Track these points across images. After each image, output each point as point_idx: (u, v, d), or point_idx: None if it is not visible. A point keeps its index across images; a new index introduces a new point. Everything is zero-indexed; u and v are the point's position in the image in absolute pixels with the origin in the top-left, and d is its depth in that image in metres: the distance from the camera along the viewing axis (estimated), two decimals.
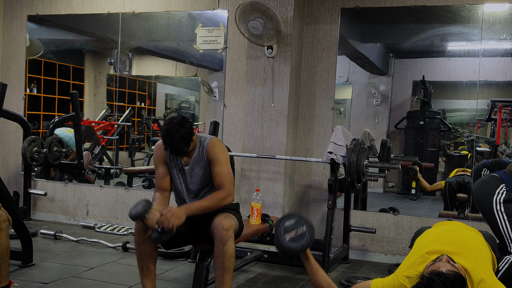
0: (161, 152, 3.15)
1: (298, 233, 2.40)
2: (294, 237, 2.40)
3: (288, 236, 2.40)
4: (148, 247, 2.94)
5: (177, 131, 2.93)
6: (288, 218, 2.45)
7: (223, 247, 2.87)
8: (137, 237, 2.95)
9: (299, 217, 2.45)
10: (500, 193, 2.95)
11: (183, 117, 3.03)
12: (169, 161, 3.15)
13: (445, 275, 2.10)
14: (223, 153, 3.11)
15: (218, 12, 5.15)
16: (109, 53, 6.50)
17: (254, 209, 3.72)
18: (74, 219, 5.67)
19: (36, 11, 5.84)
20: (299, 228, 2.41)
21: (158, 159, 3.17)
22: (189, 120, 3.05)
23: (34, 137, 5.57)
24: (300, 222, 2.42)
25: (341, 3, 4.78)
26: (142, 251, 2.95)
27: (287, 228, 2.42)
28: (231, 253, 2.90)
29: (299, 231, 2.40)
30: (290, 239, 2.40)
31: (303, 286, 3.82)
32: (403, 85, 6.04)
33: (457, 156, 5.92)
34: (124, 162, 7.30)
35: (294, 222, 2.42)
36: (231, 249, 2.90)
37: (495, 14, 4.51)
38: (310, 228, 2.41)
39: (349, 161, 4.08)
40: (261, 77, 4.67)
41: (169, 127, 2.94)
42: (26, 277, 3.68)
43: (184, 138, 2.95)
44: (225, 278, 2.91)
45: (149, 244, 2.94)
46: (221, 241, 2.88)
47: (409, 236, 3.18)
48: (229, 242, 2.89)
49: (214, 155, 3.07)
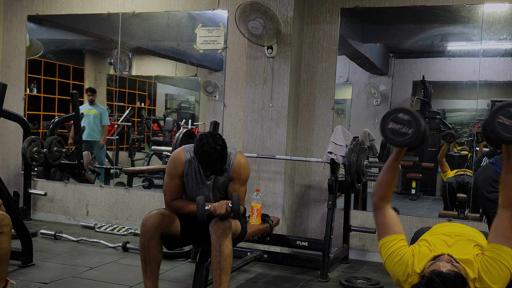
0: (179, 164, 3.06)
1: (402, 130, 2.32)
2: (395, 130, 2.33)
3: (392, 126, 2.33)
4: (153, 250, 2.94)
5: (214, 151, 2.86)
6: (405, 113, 2.33)
7: (219, 246, 2.86)
8: (143, 239, 2.94)
9: (415, 119, 2.31)
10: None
11: (213, 133, 2.96)
12: (185, 174, 3.08)
13: (445, 274, 2.10)
14: (246, 172, 3.13)
15: (218, 12, 5.15)
16: (109, 53, 6.51)
17: (254, 209, 3.71)
18: (74, 219, 5.67)
19: (36, 11, 5.84)
20: (406, 127, 2.32)
21: (175, 172, 3.07)
22: (219, 134, 3.00)
23: (34, 137, 5.57)
24: (411, 123, 2.31)
25: (341, 3, 4.78)
26: (146, 253, 2.94)
27: (398, 119, 2.33)
28: (227, 253, 2.88)
29: (404, 129, 2.32)
30: (391, 129, 2.33)
31: (303, 286, 3.82)
32: (403, 85, 6.04)
33: (457, 156, 5.92)
34: (124, 162, 7.30)
35: (407, 120, 2.31)
36: (228, 249, 2.88)
37: (495, 14, 4.51)
38: (414, 133, 2.30)
39: (349, 161, 4.08)
40: (261, 77, 4.67)
41: (205, 150, 2.86)
42: (26, 277, 3.68)
43: (223, 156, 2.91)
44: (222, 278, 2.88)
45: (155, 247, 2.93)
46: (217, 241, 2.87)
47: (409, 236, 3.17)
48: (226, 242, 2.87)
49: (239, 175, 3.08)
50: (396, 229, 2.36)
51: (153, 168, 7.00)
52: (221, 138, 2.96)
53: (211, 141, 2.87)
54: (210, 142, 2.87)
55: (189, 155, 3.07)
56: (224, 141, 2.95)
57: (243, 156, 3.16)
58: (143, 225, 2.93)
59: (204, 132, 3.03)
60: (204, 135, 2.93)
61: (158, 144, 7.14)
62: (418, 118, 2.31)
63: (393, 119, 2.33)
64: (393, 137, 2.33)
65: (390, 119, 2.34)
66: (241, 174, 3.09)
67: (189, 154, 3.07)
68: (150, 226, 2.92)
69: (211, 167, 2.92)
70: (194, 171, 3.07)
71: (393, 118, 2.34)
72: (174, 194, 3.09)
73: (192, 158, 3.06)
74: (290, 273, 4.13)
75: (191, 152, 3.07)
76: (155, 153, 7.17)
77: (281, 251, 4.51)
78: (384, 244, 2.34)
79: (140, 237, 2.96)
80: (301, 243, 4.32)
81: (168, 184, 3.09)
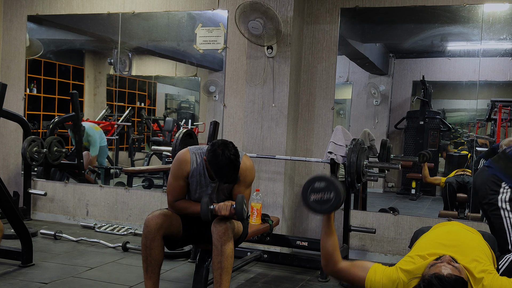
0: (185, 166, 3.05)
1: (324, 197, 2.39)
2: (319, 200, 2.39)
3: (314, 197, 2.40)
4: (155, 250, 2.94)
5: (229, 162, 2.84)
6: (320, 180, 2.41)
7: (221, 246, 2.86)
8: (145, 240, 2.94)
9: (331, 183, 2.40)
10: (504, 192, 2.95)
11: (225, 142, 2.92)
12: (190, 176, 3.07)
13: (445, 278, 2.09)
14: (251, 176, 3.12)
15: (218, 12, 5.15)
16: (109, 53, 6.50)
17: (254, 209, 3.71)
18: (74, 219, 5.67)
19: (36, 11, 5.84)
20: (327, 193, 2.39)
21: (180, 173, 3.06)
22: (231, 143, 2.95)
23: (34, 137, 5.57)
24: (329, 188, 2.39)
25: (341, 3, 4.78)
26: (148, 254, 2.94)
27: (316, 189, 2.40)
28: (229, 253, 2.88)
29: (325, 196, 2.39)
30: (314, 200, 2.40)
31: (303, 286, 3.83)
32: (403, 85, 6.04)
33: (457, 156, 5.92)
34: (124, 162, 7.30)
35: (324, 186, 2.39)
36: (229, 249, 2.88)
37: (495, 14, 4.51)
38: (337, 196, 2.38)
39: (349, 161, 4.08)
40: (261, 77, 4.67)
41: (220, 161, 2.84)
42: (26, 277, 3.68)
43: (236, 166, 2.89)
44: (223, 278, 2.88)
45: (157, 247, 2.93)
46: (219, 240, 2.87)
47: (409, 236, 3.19)
48: (227, 242, 2.87)
49: (244, 178, 3.06)
50: (367, 265, 2.41)
51: (153, 168, 7.00)
52: (234, 146, 2.92)
53: (226, 151, 2.85)
54: (226, 153, 2.84)
55: (194, 157, 3.05)
56: (236, 150, 2.93)
57: (249, 159, 3.15)
58: (146, 225, 2.93)
59: (216, 140, 2.98)
60: (216, 144, 2.89)
61: (158, 144, 7.14)
62: (332, 180, 2.41)
63: (312, 190, 2.41)
64: (320, 207, 2.41)
65: (309, 191, 2.42)
66: (247, 177, 3.08)
67: (194, 156, 3.06)
68: (152, 227, 2.92)
69: (225, 177, 2.90)
70: (199, 174, 3.06)
71: (311, 190, 2.41)
72: (178, 195, 3.08)
73: (197, 160, 3.05)
74: (290, 273, 4.13)
75: (197, 154, 3.06)
76: (155, 153, 7.17)
77: (281, 251, 4.51)
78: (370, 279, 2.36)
79: (142, 237, 2.95)
80: (301, 243, 4.32)
81: (172, 184, 3.08)
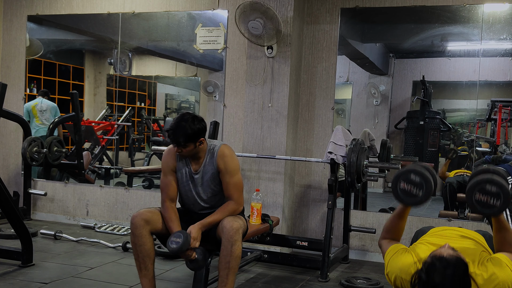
0: (171, 159, 3.12)
1: (413, 192, 2.43)
2: (406, 191, 2.44)
3: (403, 186, 2.44)
4: (145, 247, 2.96)
5: (180, 118, 2.95)
6: (417, 174, 2.43)
7: (231, 247, 2.88)
8: (133, 237, 2.96)
9: (426, 182, 2.41)
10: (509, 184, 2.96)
11: (196, 115, 3.02)
12: (177, 169, 3.12)
13: (446, 259, 2.08)
14: (232, 162, 3.09)
15: (218, 12, 5.15)
16: (109, 53, 6.50)
17: (254, 209, 3.71)
18: (74, 219, 5.67)
19: (36, 11, 5.84)
20: (417, 189, 2.42)
21: (167, 167, 3.12)
22: (202, 120, 3.02)
23: (34, 137, 5.58)
24: (422, 186, 2.41)
25: (341, 3, 4.78)
26: (138, 251, 2.97)
27: (409, 180, 2.43)
28: (238, 254, 2.91)
29: (414, 191, 2.43)
30: (402, 189, 2.45)
31: (303, 286, 3.83)
32: (403, 85, 6.04)
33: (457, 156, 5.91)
34: (124, 162, 7.31)
35: (418, 182, 2.42)
36: (239, 250, 2.91)
37: (495, 14, 4.51)
38: (424, 197, 2.42)
39: (349, 161, 4.08)
40: (261, 77, 4.67)
41: (178, 118, 2.97)
42: (26, 277, 3.68)
43: (184, 121, 2.94)
44: (229, 278, 2.92)
45: (145, 243, 2.95)
46: (229, 241, 2.88)
47: (409, 236, 3.18)
48: (237, 243, 2.90)
49: (224, 165, 3.05)
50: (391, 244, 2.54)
51: (153, 168, 7.00)
52: (202, 121, 3.00)
53: (189, 116, 2.96)
54: (187, 116, 2.96)
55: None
56: (201, 123, 2.99)
57: (228, 147, 3.16)
58: (131, 223, 2.96)
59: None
60: (187, 112, 3.04)
61: (158, 144, 7.13)
62: (429, 180, 2.41)
63: (405, 179, 2.45)
64: (404, 197, 2.46)
65: (402, 178, 2.45)
66: (227, 164, 3.06)
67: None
68: (137, 223, 2.94)
69: (171, 129, 2.94)
70: (184, 165, 3.11)
71: (405, 178, 2.45)
72: (169, 192, 3.09)
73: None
74: (290, 273, 4.13)
75: None
76: (155, 153, 7.16)
77: (281, 251, 4.51)
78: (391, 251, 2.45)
79: (131, 235, 2.98)
80: (301, 243, 4.32)
81: (163, 180, 3.14)
